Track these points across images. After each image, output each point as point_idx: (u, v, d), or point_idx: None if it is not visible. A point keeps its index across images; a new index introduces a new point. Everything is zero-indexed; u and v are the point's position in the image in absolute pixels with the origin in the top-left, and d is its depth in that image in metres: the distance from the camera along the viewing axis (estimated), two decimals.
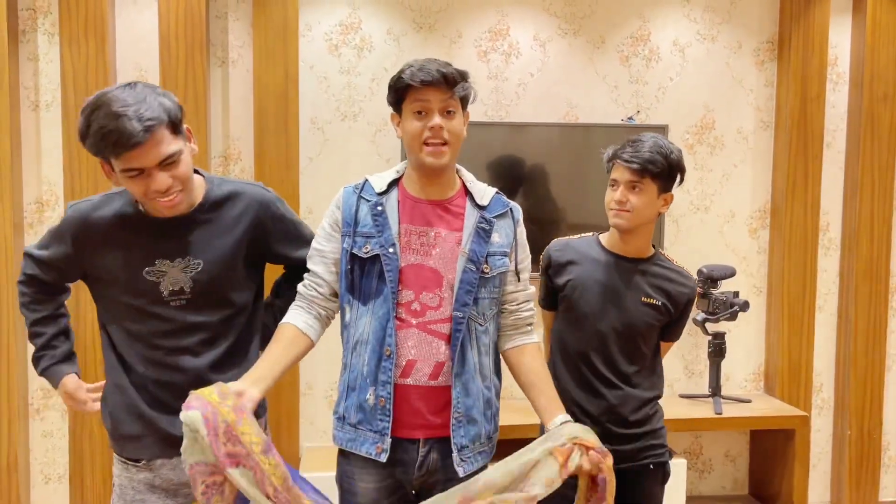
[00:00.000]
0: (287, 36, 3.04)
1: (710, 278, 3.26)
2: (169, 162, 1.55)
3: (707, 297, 3.25)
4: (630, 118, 3.34)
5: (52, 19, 3.01)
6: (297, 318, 1.74)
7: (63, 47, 2.91)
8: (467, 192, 1.81)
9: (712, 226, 3.49)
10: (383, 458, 1.70)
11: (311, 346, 1.76)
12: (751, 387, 3.58)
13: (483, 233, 1.76)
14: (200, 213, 1.70)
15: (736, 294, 3.26)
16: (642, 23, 3.38)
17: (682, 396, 3.45)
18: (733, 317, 3.24)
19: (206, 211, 1.70)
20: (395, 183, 1.79)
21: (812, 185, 3.40)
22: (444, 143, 1.70)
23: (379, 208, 1.74)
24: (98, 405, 1.81)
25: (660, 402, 2.11)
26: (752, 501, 3.55)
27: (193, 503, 1.63)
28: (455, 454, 1.73)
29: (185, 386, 1.68)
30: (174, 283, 1.68)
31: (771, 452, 3.46)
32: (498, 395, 1.86)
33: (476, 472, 1.72)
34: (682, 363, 3.52)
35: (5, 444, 2.95)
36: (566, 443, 1.60)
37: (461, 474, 1.73)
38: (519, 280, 1.82)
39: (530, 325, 1.85)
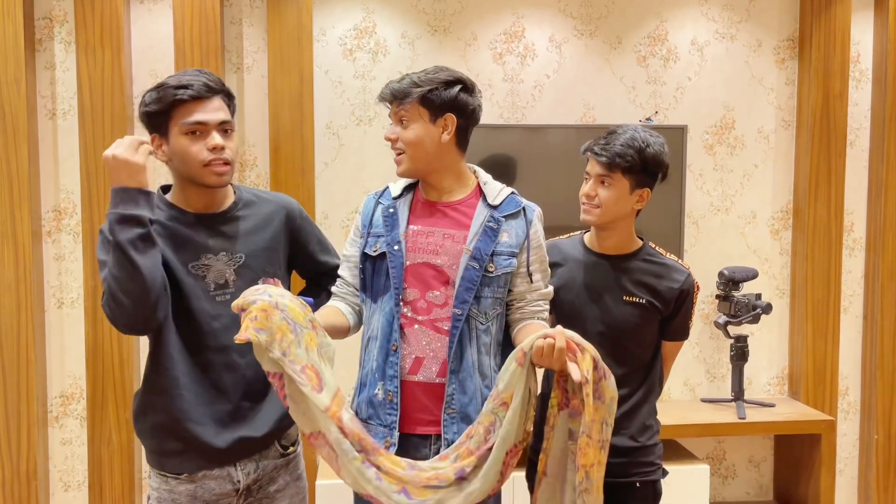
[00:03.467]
0: (302, 41, 3.03)
1: (732, 280, 3.21)
2: (225, 128, 1.69)
3: (729, 299, 3.20)
4: (648, 119, 3.30)
5: (69, 28, 3.03)
6: (337, 303, 1.86)
7: (79, 56, 2.93)
8: (482, 193, 1.84)
9: (733, 227, 3.43)
10: (392, 451, 1.71)
11: (348, 329, 1.85)
12: (774, 391, 3.51)
13: (490, 231, 1.78)
14: (236, 210, 1.78)
15: (758, 296, 3.21)
16: (659, 22, 3.34)
17: (704, 401, 3.39)
18: (756, 319, 3.19)
19: (240, 208, 1.79)
20: (411, 187, 1.86)
21: (835, 184, 3.34)
22: (400, 153, 1.78)
23: (391, 210, 1.82)
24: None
25: (659, 408, 2.02)
26: None
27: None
28: (444, 450, 1.72)
29: (230, 389, 1.72)
30: (219, 277, 1.72)
31: (796, 458, 3.39)
32: None
33: None
34: (703, 367, 3.46)
35: (25, 452, 2.96)
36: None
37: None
38: (532, 281, 1.81)
39: (535, 311, 1.84)
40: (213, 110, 1.66)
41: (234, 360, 1.73)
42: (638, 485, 1.95)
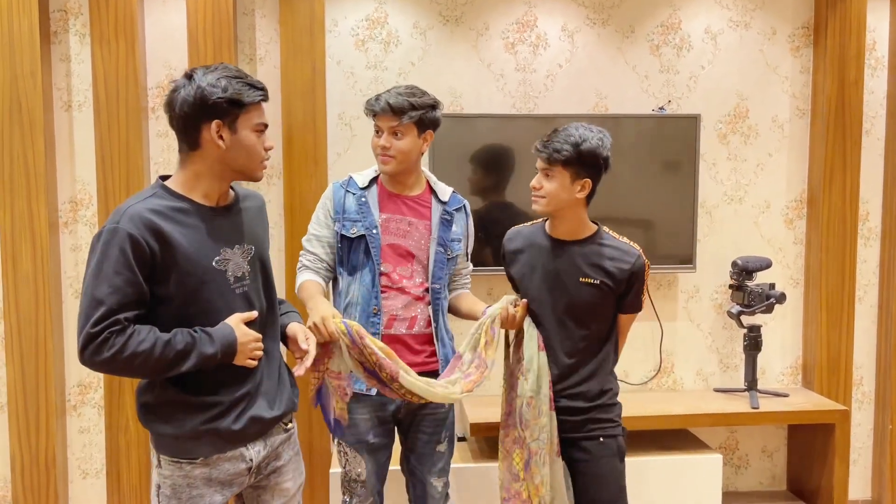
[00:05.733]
0: (314, 32, 3.04)
1: (745, 270, 3.19)
2: None
3: (742, 289, 3.19)
4: (661, 108, 3.28)
5: (84, 20, 3.05)
6: (314, 276, 2.24)
7: (94, 48, 2.95)
8: (432, 190, 2.31)
9: (747, 217, 3.42)
10: (374, 391, 2.13)
11: (325, 295, 2.23)
12: (788, 380, 3.50)
13: (446, 223, 2.28)
14: (238, 204, 1.83)
15: (772, 286, 3.19)
16: (673, 11, 3.31)
17: (717, 390, 3.39)
18: (769, 309, 3.17)
19: (241, 202, 1.84)
20: (374, 180, 2.29)
21: (850, 173, 3.31)
22: (390, 157, 2.20)
23: (363, 199, 2.24)
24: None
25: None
26: (790, 497, 3.48)
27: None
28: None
29: (246, 375, 1.76)
30: (237, 269, 1.76)
31: (810, 447, 3.38)
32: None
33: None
34: (716, 357, 3.45)
35: (43, 440, 3.00)
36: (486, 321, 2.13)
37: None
38: (467, 259, 2.40)
39: (465, 282, 2.41)
40: (266, 112, 1.78)
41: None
42: (601, 439, 2.18)
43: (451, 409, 2.35)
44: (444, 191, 2.33)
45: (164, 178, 1.75)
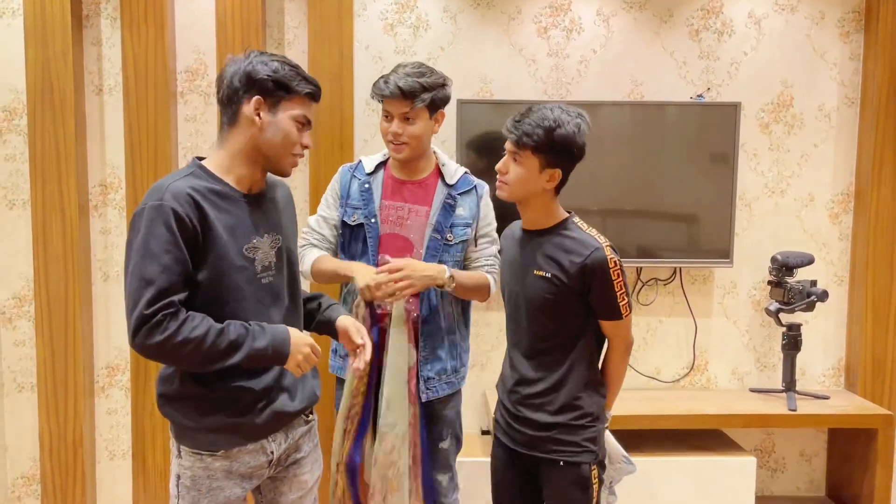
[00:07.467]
0: (342, 16, 2.99)
1: (786, 266, 3.06)
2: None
3: (782, 285, 3.05)
4: (699, 96, 3.16)
5: (115, 4, 3.06)
6: (326, 253, 2.24)
7: (124, 31, 2.96)
8: (440, 173, 2.21)
9: (789, 210, 3.27)
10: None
11: None
12: (829, 382, 3.35)
13: (449, 207, 2.17)
14: (268, 192, 1.80)
15: (813, 283, 3.05)
16: None
17: (753, 391, 3.26)
18: (810, 307, 3.03)
19: (269, 190, 1.81)
20: (382, 164, 2.23)
21: None
22: (403, 143, 2.11)
23: (366, 186, 2.19)
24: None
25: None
26: None
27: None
28: (421, 384, 2.17)
29: (268, 367, 1.72)
30: (265, 258, 1.73)
31: (851, 453, 3.23)
32: (465, 338, 2.29)
33: (442, 399, 2.23)
34: (753, 355, 3.32)
35: (71, 421, 3.04)
36: None
37: (423, 400, 2.17)
38: (476, 245, 2.23)
39: (484, 270, 2.24)
40: (314, 113, 1.77)
41: None
42: (562, 464, 1.93)
43: (456, 408, 2.32)
44: (453, 172, 2.23)
45: (200, 158, 1.74)
